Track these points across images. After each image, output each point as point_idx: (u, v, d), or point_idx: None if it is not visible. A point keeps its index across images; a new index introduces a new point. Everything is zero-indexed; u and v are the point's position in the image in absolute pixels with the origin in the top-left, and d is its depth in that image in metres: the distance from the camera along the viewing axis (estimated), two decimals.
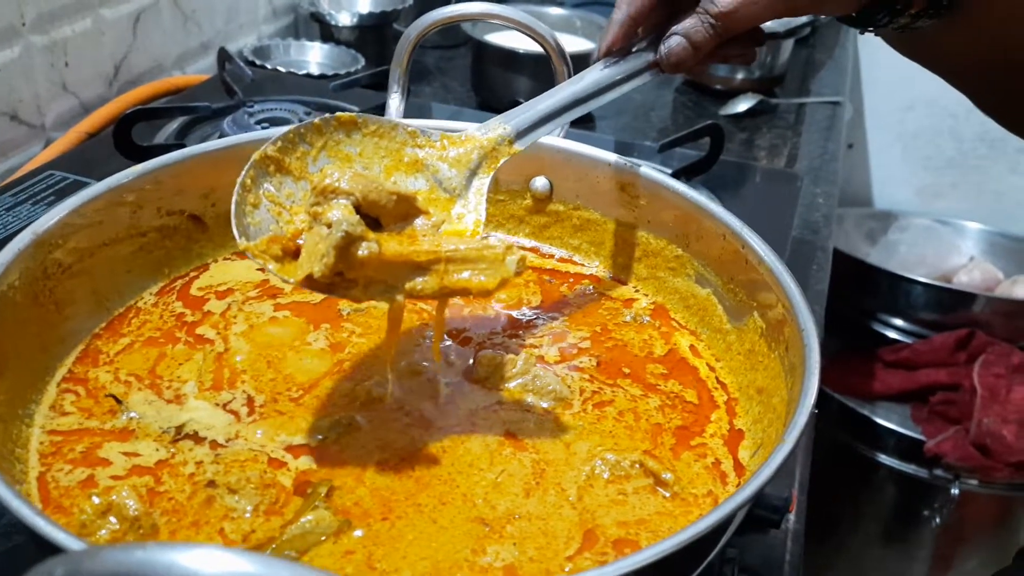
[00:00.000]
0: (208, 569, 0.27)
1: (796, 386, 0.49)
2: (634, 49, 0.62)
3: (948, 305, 1.70)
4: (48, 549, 0.38)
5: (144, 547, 0.27)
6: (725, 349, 0.63)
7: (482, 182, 0.58)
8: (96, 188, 0.60)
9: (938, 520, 1.62)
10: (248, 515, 0.49)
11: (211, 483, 0.51)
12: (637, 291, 0.70)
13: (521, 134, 0.60)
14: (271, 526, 0.49)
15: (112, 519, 0.48)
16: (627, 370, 0.62)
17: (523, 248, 0.75)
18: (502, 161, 0.59)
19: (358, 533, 0.48)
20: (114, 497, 0.48)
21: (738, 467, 0.55)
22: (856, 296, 1.73)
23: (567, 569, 0.47)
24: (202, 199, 0.67)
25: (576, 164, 0.71)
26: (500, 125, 0.59)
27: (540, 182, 0.73)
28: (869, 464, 1.64)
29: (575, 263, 0.74)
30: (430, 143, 0.58)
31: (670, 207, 0.67)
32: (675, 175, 0.68)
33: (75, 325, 0.60)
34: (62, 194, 0.94)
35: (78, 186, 0.95)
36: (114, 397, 0.56)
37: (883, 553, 1.74)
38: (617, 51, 0.62)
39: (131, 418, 0.55)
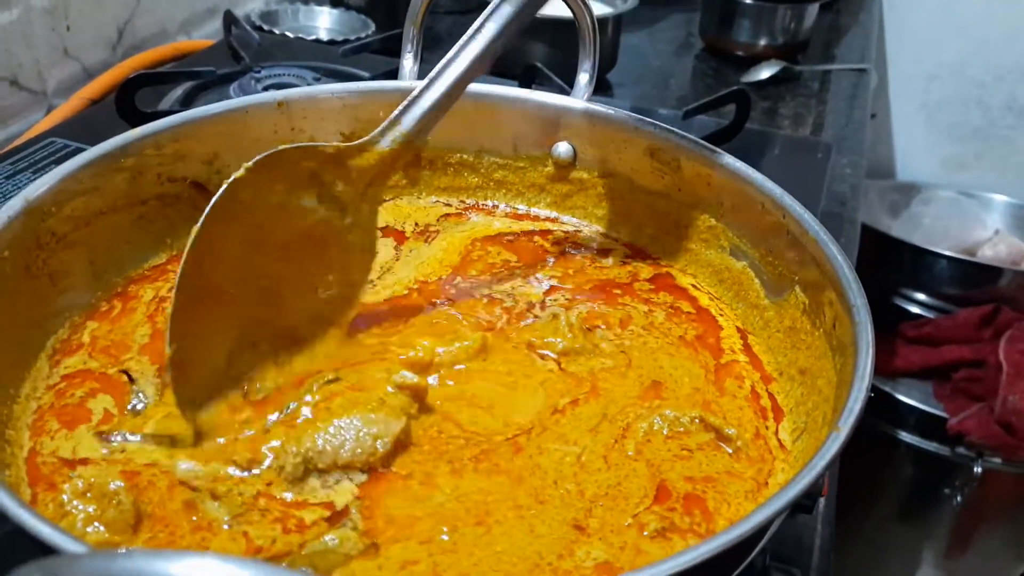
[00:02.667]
0: None
1: (847, 367, 0.46)
2: None
3: (972, 279, 1.66)
4: (38, 545, 0.35)
5: (130, 555, 0.24)
6: (763, 326, 0.59)
7: (376, 192, 0.58)
8: (92, 153, 0.56)
9: (959, 498, 1.59)
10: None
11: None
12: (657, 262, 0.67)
13: (422, 125, 0.58)
14: (289, 540, 0.44)
15: (111, 504, 0.45)
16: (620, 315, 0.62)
17: (538, 219, 0.71)
18: (401, 164, 0.59)
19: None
20: (93, 479, 0.45)
21: (776, 411, 0.55)
22: (878, 270, 1.69)
23: (627, 524, 0.46)
24: (205, 165, 0.63)
25: (601, 128, 0.67)
26: (394, 129, 0.57)
27: (562, 148, 0.69)
28: (889, 441, 1.61)
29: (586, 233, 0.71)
30: (322, 156, 0.55)
31: (704, 174, 0.63)
32: None
33: (71, 298, 0.56)
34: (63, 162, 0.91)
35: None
36: (126, 373, 0.53)
37: (901, 530, 1.71)
38: None
39: (138, 398, 0.52)
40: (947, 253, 1.64)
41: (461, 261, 0.66)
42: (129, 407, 0.51)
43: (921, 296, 1.70)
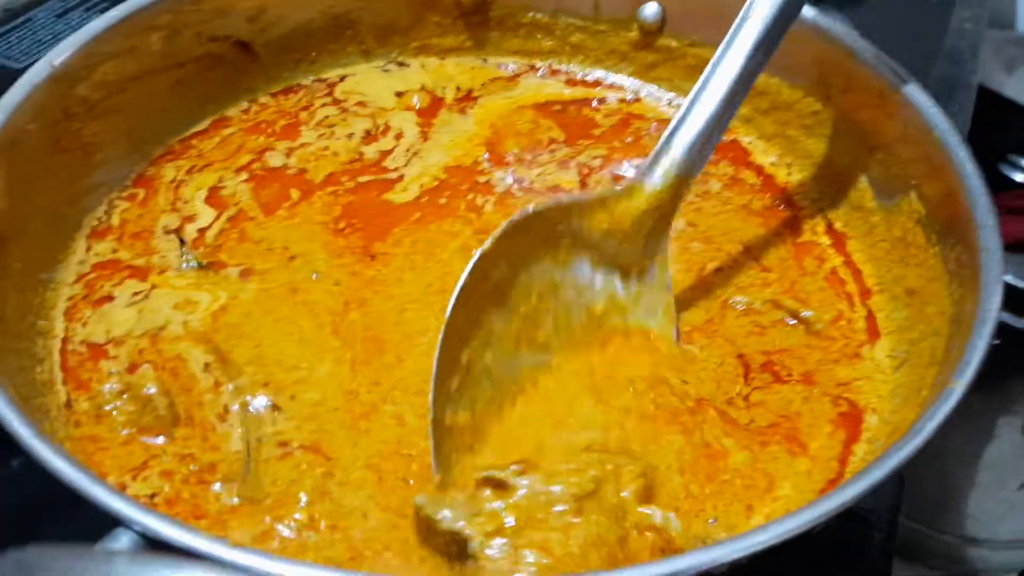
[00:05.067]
0: None
1: (968, 302, 0.39)
2: None
3: None
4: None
5: (111, 559, 0.20)
6: (866, 231, 0.52)
7: (662, 244, 0.48)
8: (122, 10, 0.51)
9: None
10: None
11: None
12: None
13: (695, 153, 0.47)
14: None
15: (147, 409, 0.43)
16: None
17: (599, 85, 0.64)
18: (681, 204, 0.48)
19: None
20: (130, 382, 0.44)
21: (863, 292, 0.50)
22: (984, 132, 1.56)
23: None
24: (249, 22, 0.57)
25: None
26: (663, 158, 0.47)
27: (650, 9, 0.61)
28: None
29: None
30: (583, 213, 0.46)
31: (811, 48, 0.54)
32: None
33: (108, 172, 0.53)
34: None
35: None
36: (177, 234, 0.52)
37: (978, 401, 1.66)
38: None
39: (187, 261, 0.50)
40: None
41: (495, 136, 0.59)
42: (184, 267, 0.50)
43: None
